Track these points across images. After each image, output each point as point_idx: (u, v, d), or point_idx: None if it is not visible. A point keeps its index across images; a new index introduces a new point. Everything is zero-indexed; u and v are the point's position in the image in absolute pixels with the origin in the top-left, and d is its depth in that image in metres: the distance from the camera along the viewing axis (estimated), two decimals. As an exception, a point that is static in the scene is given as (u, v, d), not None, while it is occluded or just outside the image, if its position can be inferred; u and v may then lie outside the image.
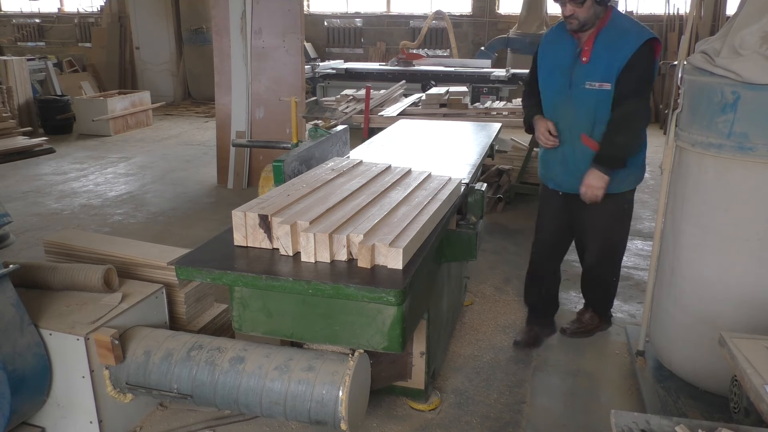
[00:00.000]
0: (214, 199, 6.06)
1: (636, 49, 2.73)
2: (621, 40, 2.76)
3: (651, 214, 5.48)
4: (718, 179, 2.50)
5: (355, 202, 2.34)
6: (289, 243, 2.09)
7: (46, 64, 10.17)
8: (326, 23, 12.38)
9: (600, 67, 2.80)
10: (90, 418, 2.46)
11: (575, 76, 2.87)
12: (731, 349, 1.96)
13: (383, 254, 2.00)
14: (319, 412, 2.14)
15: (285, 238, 2.09)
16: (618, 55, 2.76)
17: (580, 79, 2.85)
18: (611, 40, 2.79)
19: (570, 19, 2.78)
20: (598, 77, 2.81)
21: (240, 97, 6.18)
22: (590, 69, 2.83)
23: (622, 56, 2.74)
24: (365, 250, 1.99)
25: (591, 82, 2.82)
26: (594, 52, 2.81)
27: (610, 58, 2.77)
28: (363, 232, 2.04)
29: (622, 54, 2.75)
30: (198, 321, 2.99)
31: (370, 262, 2.00)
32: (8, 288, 2.31)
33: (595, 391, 2.95)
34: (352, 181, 2.58)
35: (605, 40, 2.80)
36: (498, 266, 4.40)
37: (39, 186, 6.49)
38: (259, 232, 2.15)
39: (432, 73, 9.03)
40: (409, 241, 2.03)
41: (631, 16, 3.01)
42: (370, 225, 2.11)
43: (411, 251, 2.06)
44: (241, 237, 2.18)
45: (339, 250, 2.05)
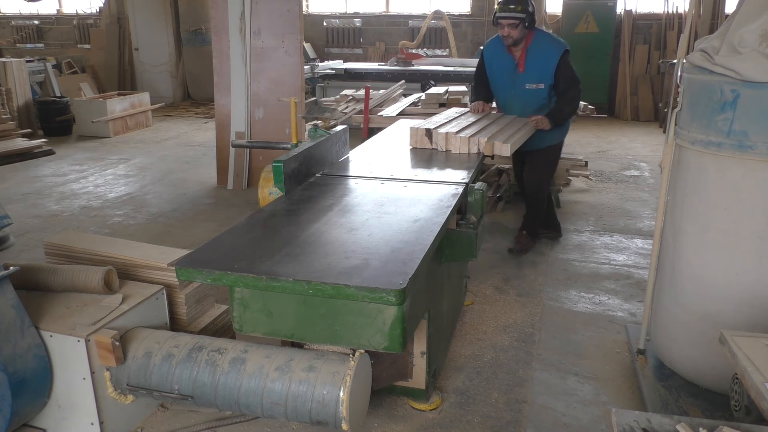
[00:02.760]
0: (213, 199, 6.06)
1: (559, 57, 4.06)
2: (545, 52, 4.09)
3: (651, 213, 5.48)
4: (717, 177, 2.50)
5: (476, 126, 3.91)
6: (444, 144, 3.69)
7: (45, 65, 10.16)
8: (325, 23, 12.38)
9: (533, 73, 4.15)
10: (91, 419, 2.46)
11: (517, 81, 4.22)
12: (732, 347, 1.96)
13: (498, 147, 3.55)
14: (320, 412, 2.14)
15: (441, 141, 3.70)
16: (547, 63, 4.08)
17: (520, 83, 4.21)
18: (537, 53, 4.10)
19: (507, 38, 4.08)
20: (534, 80, 4.16)
21: (239, 97, 6.18)
22: (526, 75, 4.17)
23: (551, 64, 4.07)
24: (488, 145, 3.57)
25: (530, 84, 4.17)
26: (526, 63, 4.16)
27: (540, 66, 4.11)
28: (486, 137, 3.62)
29: (550, 62, 4.08)
30: (198, 322, 2.99)
31: (491, 152, 3.57)
32: (8, 290, 2.31)
33: (595, 390, 2.95)
34: (469, 118, 4.17)
35: (533, 53, 4.12)
36: (498, 266, 4.40)
37: (39, 188, 6.49)
38: (424, 138, 3.75)
39: (431, 72, 9.02)
40: (513, 142, 3.58)
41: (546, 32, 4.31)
42: (489, 134, 3.70)
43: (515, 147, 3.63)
44: (413, 142, 3.79)
45: (473, 146, 3.61)
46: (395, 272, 2.00)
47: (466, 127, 3.84)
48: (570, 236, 4.96)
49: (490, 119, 4.13)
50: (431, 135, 3.71)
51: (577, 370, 3.12)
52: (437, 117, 4.19)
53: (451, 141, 3.65)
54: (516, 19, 3.97)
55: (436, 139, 3.70)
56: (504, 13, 4.00)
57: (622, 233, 5.03)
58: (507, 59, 4.21)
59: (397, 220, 2.52)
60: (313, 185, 3.03)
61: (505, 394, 2.91)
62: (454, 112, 4.39)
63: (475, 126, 3.90)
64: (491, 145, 3.55)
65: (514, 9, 3.96)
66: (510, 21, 3.98)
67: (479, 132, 3.76)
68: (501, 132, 3.79)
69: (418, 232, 2.36)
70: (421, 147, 3.76)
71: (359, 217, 2.56)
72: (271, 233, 2.40)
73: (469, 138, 3.60)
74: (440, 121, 4.03)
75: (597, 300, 3.88)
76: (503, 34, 4.05)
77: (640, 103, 10.24)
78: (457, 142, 3.63)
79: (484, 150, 3.53)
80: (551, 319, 3.64)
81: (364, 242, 2.27)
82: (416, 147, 3.77)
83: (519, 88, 4.20)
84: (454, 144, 3.65)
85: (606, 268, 4.35)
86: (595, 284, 4.10)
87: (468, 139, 3.60)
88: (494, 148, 3.54)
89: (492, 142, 3.55)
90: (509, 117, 4.24)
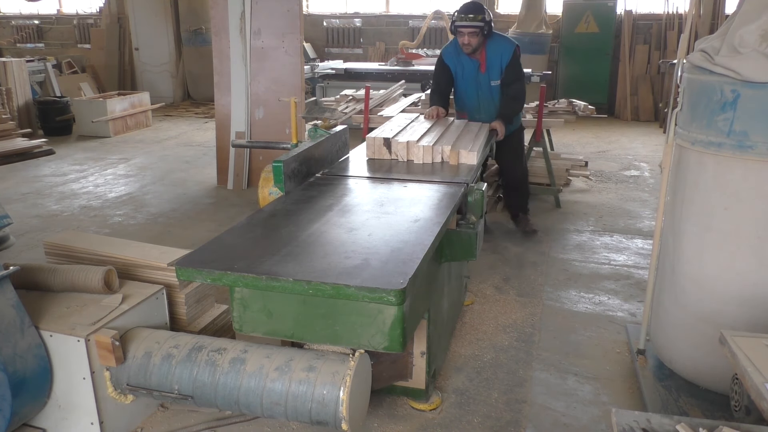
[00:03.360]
0: (214, 199, 6.06)
1: (511, 54, 4.33)
2: (499, 50, 4.34)
3: (651, 213, 5.48)
4: (717, 178, 2.50)
5: (434, 133, 3.78)
6: (404, 153, 3.48)
7: (45, 65, 10.15)
8: (325, 23, 12.37)
9: (494, 71, 4.40)
10: (91, 419, 2.46)
11: (481, 81, 4.46)
12: (732, 348, 1.96)
13: (464, 156, 3.39)
14: (320, 412, 2.14)
15: (402, 151, 3.48)
16: (503, 60, 4.34)
17: (486, 82, 4.46)
18: (493, 53, 4.35)
19: (467, 46, 4.26)
20: (496, 77, 4.42)
21: (239, 97, 6.18)
22: (488, 74, 4.42)
23: (505, 60, 4.34)
24: (454, 153, 3.41)
25: (494, 81, 4.43)
26: (487, 63, 4.39)
27: (497, 64, 4.36)
28: (450, 144, 3.47)
29: (505, 59, 4.34)
30: (198, 322, 2.99)
31: (457, 161, 3.38)
32: (8, 290, 2.31)
33: (595, 390, 2.95)
34: (422, 124, 4.02)
35: (490, 53, 4.36)
36: (498, 266, 4.40)
37: (39, 187, 6.49)
38: (383, 149, 3.52)
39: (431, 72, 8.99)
40: (478, 149, 3.44)
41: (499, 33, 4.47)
42: (452, 141, 3.55)
43: (479, 155, 3.47)
44: (370, 153, 3.55)
45: (437, 155, 3.43)
46: (395, 272, 2.00)
47: (425, 135, 3.68)
48: (570, 236, 4.96)
49: (444, 125, 4.04)
50: (390, 145, 3.49)
51: (577, 370, 3.12)
52: (389, 124, 4.00)
53: (413, 150, 3.46)
54: (476, 27, 4.13)
55: (396, 149, 3.48)
56: (464, 22, 4.15)
57: (622, 233, 5.03)
58: (469, 62, 4.40)
59: (397, 220, 2.52)
60: (313, 185, 3.03)
61: (505, 394, 2.91)
62: (405, 119, 4.18)
63: (433, 133, 3.76)
64: (456, 154, 3.39)
65: (474, 18, 4.12)
66: (470, 30, 4.15)
67: (440, 139, 3.60)
68: (461, 138, 3.68)
69: (418, 232, 2.37)
70: (379, 158, 3.52)
71: (359, 217, 2.56)
72: (271, 233, 2.40)
73: (432, 147, 3.42)
74: (395, 129, 3.80)
75: (597, 300, 3.88)
76: (463, 42, 4.23)
77: (640, 103, 10.24)
78: (420, 151, 3.43)
79: (449, 159, 3.38)
80: (551, 319, 3.64)
81: (364, 242, 2.27)
82: (374, 158, 3.53)
83: (485, 87, 4.43)
84: (416, 154, 3.44)
85: (606, 268, 4.35)
86: (595, 284, 4.10)
87: (431, 147, 3.42)
88: (460, 157, 3.39)
89: (457, 151, 3.40)
90: (461, 122, 4.21)
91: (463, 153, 3.40)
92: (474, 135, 3.81)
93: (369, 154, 3.54)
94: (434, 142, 3.48)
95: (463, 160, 3.38)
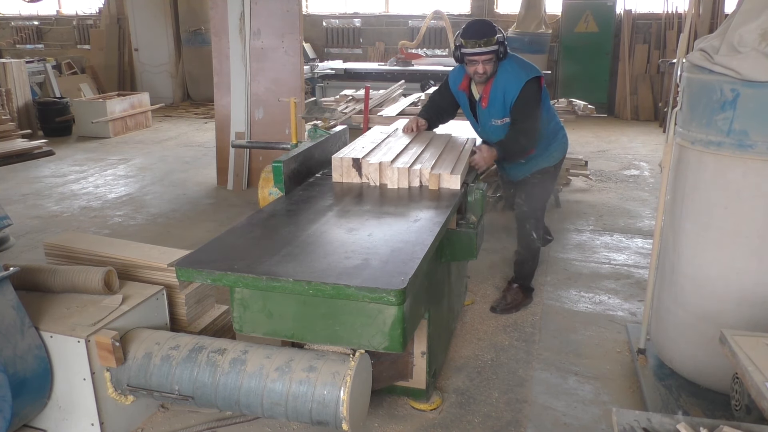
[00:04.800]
0: (213, 200, 6.06)
1: (521, 88, 3.30)
2: (509, 84, 3.33)
3: (651, 212, 5.48)
4: (717, 177, 2.50)
5: (412, 151, 3.20)
6: (377, 176, 2.97)
7: (44, 66, 10.15)
8: (325, 24, 12.37)
9: (497, 108, 3.41)
10: (91, 420, 2.46)
11: (481, 117, 3.53)
12: (732, 347, 1.96)
13: (446, 180, 2.89)
14: (320, 412, 2.14)
15: (374, 173, 2.97)
16: (508, 96, 3.34)
17: (485, 120, 3.51)
18: (501, 86, 3.35)
19: (481, 75, 3.32)
20: (499, 116, 3.42)
21: (239, 98, 6.18)
22: (490, 111, 3.45)
23: (512, 96, 3.33)
24: (434, 177, 2.89)
25: (495, 120, 3.45)
26: (490, 98, 3.41)
27: (504, 100, 3.36)
28: (430, 166, 2.94)
29: (511, 94, 3.33)
30: (199, 322, 2.99)
31: (437, 186, 2.89)
32: (8, 291, 2.31)
33: (596, 390, 2.95)
34: (400, 140, 3.41)
35: (497, 86, 3.37)
36: (498, 266, 4.40)
37: (38, 188, 6.49)
38: (352, 171, 3.01)
39: (431, 72, 9.00)
40: (461, 171, 2.94)
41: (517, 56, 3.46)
42: (431, 162, 3.00)
43: (463, 178, 2.95)
44: (338, 175, 3.05)
45: (414, 179, 2.93)
46: (395, 272, 2.00)
47: (401, 153, 3.14)
48: (570, 236, 4.96)
49: (425, 140, 3.42)
50: (360, 166, 2.99)
51: (578, 369, 3.12)
52: (363, 140, 3.42)
53: (386, 173, 2.93)
54: (490, 53, 3.23)
55: (367, 171, 2.97)
56: (476, 49, 3.20)
57: (622, 233, 5.03)
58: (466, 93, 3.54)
59: (397, 219, 2.52)
60: (312, 185, 3.03)
61: (505, 394, 2.91)
62: (379, 134, 3.56)
63: (410, 150, 3.20)
64: (437, 178, 2.88)
65: (488, 42, 3.20)
66: (485, 57, 3.24)
67: (419, 159, 3.08)
68: (444, 157, 3.15)
69: (418, 232, 2.36)
70: (347, 181, 3.02)
71: (359, 217, 2.56)
72: (271, 233, 2.40)
73: (409, 169, 2.92)
74: (367, 146, 3.23)
75: (597, 299, 3.88)
76: (477, 71, 3.29)
77: (640, 102, 10.24)
78: (394, 174, 2.91)
79: (429, 184, 2.90)
80: (551, 318, 3.64)
81: (364, 242, 2.27)
82: (341, 181, 3.03)
83: (485, 125, 3.53)
84: (389, 177, 2.92)
85: (606, 268, 4.35)
86: (595, 284, 4.10)
87: (408, 170, 2.91)
88: (441, 180, 2.90)
89: (438, 174, 2.88)
90: (444, 136, 3.56)
91: (445, 176, 2.89)
92: (458, 153, 3.25)
93: (336, 176, 3.05)
94: (411, 163, 2.98)
95: (444, 184, 2.89)
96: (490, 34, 3.21)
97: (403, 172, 2.92)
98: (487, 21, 3.33)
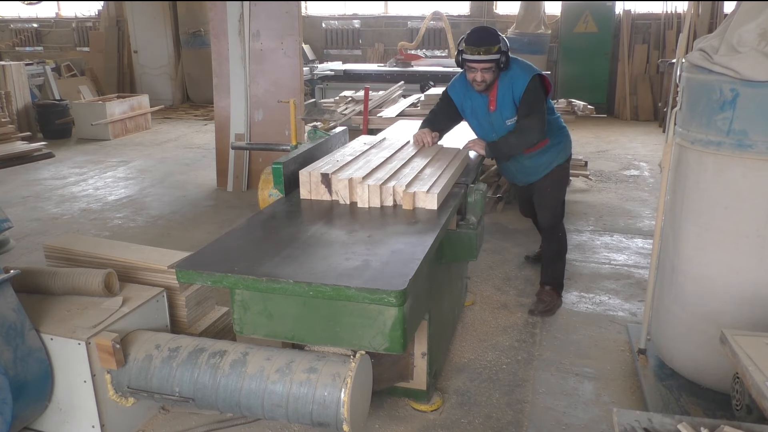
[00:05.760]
0: (213, 202, 6.06)
1: (525, 84, 3.29)
2: (515, 83, 3.33)
3: (651, 212, 5.48)
4: (717, 177, 2.50)
5: (391, 164, 2.98)
6: (346, 194, 2.71)
7: (44, 68, 10.16)
8: (324, 25, 12.38)
9: (507, 108, 3.39)
10: (92, 422, 2.46)
11: (494, 121, 3.47)
12: (733, 347, 1.96)
13: (422, 199, 2.63)
14: (321, 414, 2.14)
15: (343, 190, 2.72)
16: (516, 92, 3.33)
17: (499, 123, 3.45)
18: (506, 86, 3.35)
19: (480, 84, 3.30)
20: (510, 115, 3.40)
21: (239, 99, 6.18)
22: (500, 113, 3.41)
23: (519, 92, 3.32)
24: (408, 196, 2.63)
25: (510, 120, 3.41)
26: (498, 100, 3.39)
27: (509, 99, 3.36)
28: (405, 183, 2.68)
29: (518, 91, 3.32)
30: (199, 324, 2.99)
31: (412, 205, 2.63)
32: (9, 293, 2.31)
33: (596, 390, 2.95)
34: (383, 151, 3.21)
35: (503, 87, 3.36)
36: (498, 266, 4.40)
37: (38, 191, 6.49)
38: (321, 187, 2.77)
39: (430, 73, 9.00)
40: (440, 189, 2.68)
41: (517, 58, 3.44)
42: (409, 179, 2.75)
43: (442, 197, 2.70)
44: (306, 192, 2.80)
45: (387, 197, 2.67)
46: (395, 273, 2.00)
47: (380, 167, 2.90)
48: (570, 236, 4.95)
49: (410, 150, 3.27)
50: (329, 182, 2.74)
51: (578, 370, 3.12)
52: (340, 151, 3.20)
53: (356, 190, 2.69)
54: (491, 62, 3.20)
55: (337, 188, 2.72)
56: (476, 56, 3.19)
57: (622, 233, 5.03)
58: (478, 98, 3.45)
59: (397, 220, 2.52)
60: (312, 187, 3.02)
61: (506, 395, 2.91)
62: (361, 145, 3.34)
63: (390, 164, 2.96)
64: (411, 197, 2.61)
65: (488, 51, 3.17)
66: (484, 65, 3.21)
67: (396, 174, 2.83)
68: (425, 172, 2.90)
69: (418, 233, 2.36)
70: (317, 199, 2.77)
71: (359, 218, 2.56)
72: (271, 235, 2.40)
73: (381, 186, 2.65)
74: (344, 159, 3.00)
75: (597, 300, 3.88)
76: (475, 78, 3.28)
77: (640, 102, 10.25)
78: (365, 192, 2.65)
79: (402, 203, 2.64)
80: (552, 318, 3.64)
81: (364, 243, 2.27)
82: (309, 198, 2.79)
83: (500, 128, 3.45)
84: (360, 195, 2.67)
85: (606, 268, 4.35)
86: (596, 284, 4.10)
87: (379, 187, 2.64)
88: (416, 199, 2.63)
89: (412, 192, 2.62)
90: (434, 148, 3.40)
91: (420, 195, 2.62)
92: (443, 166, 2.99)
93: (304, 193, 2.80)
94: (386, 179, 2.72)
95: (420, 203, 2.62)
96: (492, 43, 3.18)
97: (375, 190, 2.64)
98: (492, 30, 3.28)
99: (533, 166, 3.60)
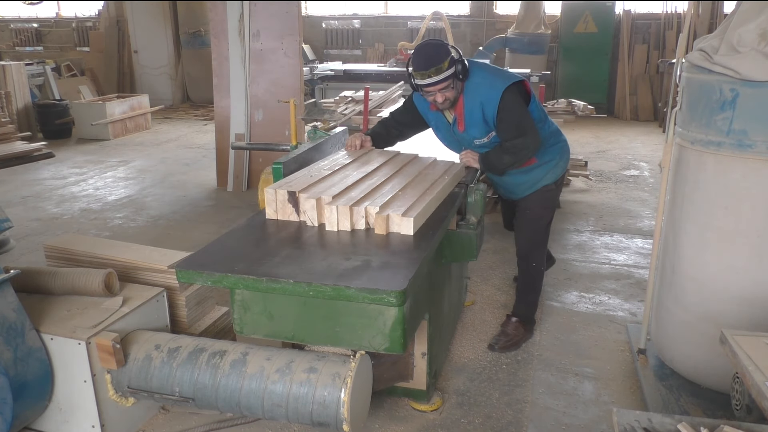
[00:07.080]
0: (213, 202, 6.06)
1: (498, 101, 2.86)
2: (486, 97, 2.89)
3: (651, 212, 5.48)
4: (717, 177, 2.50)
5: (371, 181, 2.67)
6: (314, 215, 2.43)
7: (44, 68, 10.15)
8: (324, 25, 12.38)
9: (476, 128, 2.99)
10: (92, 422, 2.46)
11: (462, 140, 3.12)
12: (732, 347, 1.96)
13: (396, 223, 2.33)
14: (321, 414, 2.14)
15: (311, 211, 2.44)
16: (487, 110, 2.90)
17: (468, 142, 3.10)
18: (476, 101, 2.92)
19: (443, 104, 2.90)
20: (482, 134, 3.00)
21: (239, 99, 6.18)
22: (469, 134, 3.03)
23: (491, 110, 2.89)
24: (381, 219, 2.32)
25: (479, 139, 3.03)
26: (465, 119, 2.98)
27: (481, 116, 2.93)
28: (379, 205, 2.37)
29: (490, 109, 2.89)
30: (199, 324, 2.99)
31: (386, 230, 2.33)
32: (9, 293, 2.31)
33: (596, 390, 2.95)
34: (366, 165, 2.92)
35: (469, 102, 2.94)
36: (498, 266, 4.40)
37: (38, 191, 6.49)
38: (288, 206, 2.48)
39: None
40: (418, 212, 2.37)
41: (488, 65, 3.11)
42: (384, 199, 2.44)
43: (420, 221, 2.39)
44: (272, 211, 2.52)
45: (358, 220, 2.38)
46: (395, 273, 2.00)
47: (356, 183, 2.61)
48: (570, 236, 4.97)
49: (397, 164, 2.96)
50: (297, 201, 2.46)
51: (578, 369, 3.12)
52: (318, 164, 2.92)
53: (324, 212, 2.41)
54: (446, 80, 2.80)
55: (305, 208, 2.44)
56: (428, 80, 2.79)
57: (622, 233, 5.04)
58: (442, 117, 3.11)
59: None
60: (312, 187, 3.01)
61: (506, 395, 2.91)
62: (343, 158, 3.04)
63: (369, 181, 2.66)
64: (385, 220, 2.32)
65: (439, 70, 2.77)
66: (441, 85, 2.81)
67: (375, 191, 2.54)
68: (406, 191, 2.59)
69: (418, 233, 2.36)
70: (283, 219, 2.50)
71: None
72: (271, 235, 2.40)
73: (351, 207, 2.35)
74: (317, 174, 2.69)
75: (597, 300, 3.88)
76: (436, 101, 2.89)
77: (640, 102, 10.25)
78: (333, 213, 2.36)
79: (375, 227, 2.35)
80: (552, 319, 3.64)
81: (364, 243, 2.27)
82: (275, 219, 2.51)
83: (469, 146, 3.13)
84: (328, 217, 2.38)
85: (606, 268, 4.35)
86: (596, 284, 4.10)
87: (349, 209, 2.35)
88: (390, 223, 2.33)
89: (386, 215, 2.32)
90: (427, 159, 3.12)
91: (395, 218, 2.32)
92: (428, 185, 2.70)
93: (269, 212, 2.52)
94: (359, 199, 2.42)
95: (395, 228, 2.33)
96: (439, 60, 2.77)
97: (344, 212, 2.35)
98: (437, 43, 2.88)
99: (514, 183, 3.21)
